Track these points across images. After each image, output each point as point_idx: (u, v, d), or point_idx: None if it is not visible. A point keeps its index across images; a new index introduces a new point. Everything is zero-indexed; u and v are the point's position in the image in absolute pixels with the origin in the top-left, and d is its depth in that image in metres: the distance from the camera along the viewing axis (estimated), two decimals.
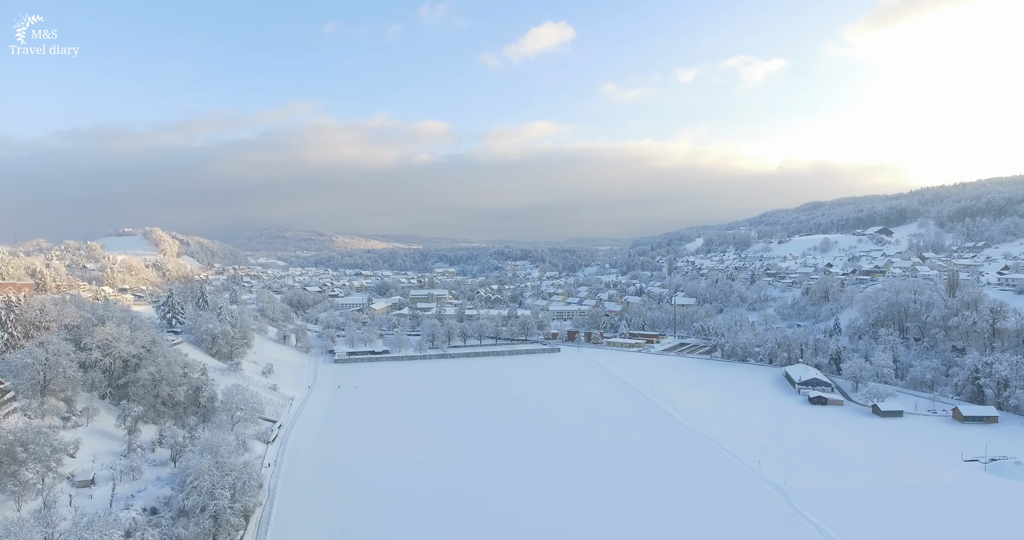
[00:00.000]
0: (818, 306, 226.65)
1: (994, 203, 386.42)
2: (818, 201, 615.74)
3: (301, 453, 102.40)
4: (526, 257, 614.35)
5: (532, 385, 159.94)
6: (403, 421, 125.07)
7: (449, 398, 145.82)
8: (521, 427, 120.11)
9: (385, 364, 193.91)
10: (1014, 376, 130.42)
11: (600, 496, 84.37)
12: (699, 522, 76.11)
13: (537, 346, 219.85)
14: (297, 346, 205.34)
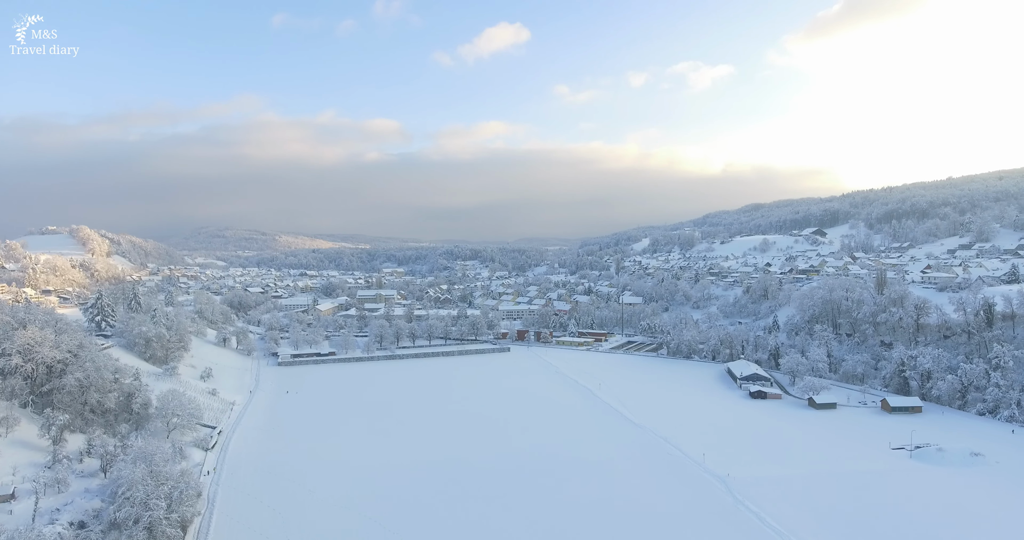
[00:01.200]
0: (758, 304, 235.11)
1: (918, 206, 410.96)
2: (758, 203, 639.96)
3: (243, 459, 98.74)
4: (476, 257, 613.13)
5: (482, 385, 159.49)
6: (350, 424, 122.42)
7: (398, 399, 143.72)
8: (471, 427, 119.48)
9: (331, 366, 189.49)
10: (935, 368, 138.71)
11: (550, 494, 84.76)
12: (646, 515, 77.46)
13: (487, 346, 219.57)
14: (238, 349, 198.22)
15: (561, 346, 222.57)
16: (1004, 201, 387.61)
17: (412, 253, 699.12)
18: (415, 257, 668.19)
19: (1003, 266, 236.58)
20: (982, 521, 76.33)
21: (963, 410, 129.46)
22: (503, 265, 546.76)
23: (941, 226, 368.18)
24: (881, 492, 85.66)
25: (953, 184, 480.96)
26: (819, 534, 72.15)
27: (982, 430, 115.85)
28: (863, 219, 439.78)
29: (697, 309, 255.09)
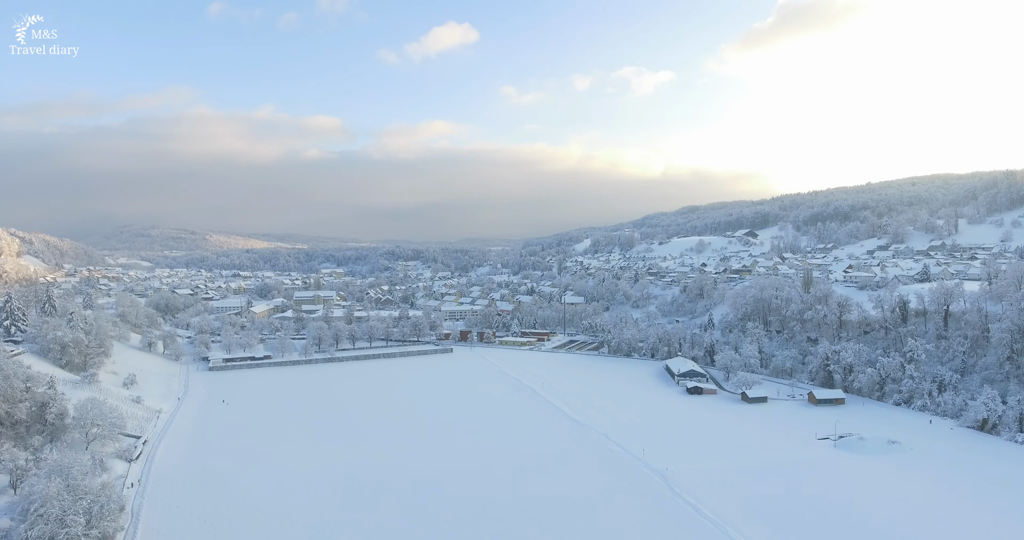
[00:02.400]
0: (694, 303, 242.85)
1: (840, 210, 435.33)
2: (694, 205, 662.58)
3: (170, 470, 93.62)
4: (418, 257, 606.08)
5: (425, 386, 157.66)
6: (287, 429, 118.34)
7: (338, 403, 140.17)
8: (414, 430, 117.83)
9: (267, 370, 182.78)
10: (857, 362, 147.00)
11: (493, 493, 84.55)
12: (587, 511, 78.40)
13: (429, 347, 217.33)
14: (165, 354, 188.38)
15: (504, 346, 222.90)
16: (917, 205, 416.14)
17: (352, 253, 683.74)
18: (355, 257, 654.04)
19: (916, 266, 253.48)
20: (897, 503, 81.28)
21: (881, 401, 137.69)
22: (446, 265, 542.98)
23: (861, 228, 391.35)
24: (808, 480, 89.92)
25: (872, 189, 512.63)
26: (751, 522, 74.97)
27: (898, 419, 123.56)
28: (791, 221, 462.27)
29: (637, 308, 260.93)
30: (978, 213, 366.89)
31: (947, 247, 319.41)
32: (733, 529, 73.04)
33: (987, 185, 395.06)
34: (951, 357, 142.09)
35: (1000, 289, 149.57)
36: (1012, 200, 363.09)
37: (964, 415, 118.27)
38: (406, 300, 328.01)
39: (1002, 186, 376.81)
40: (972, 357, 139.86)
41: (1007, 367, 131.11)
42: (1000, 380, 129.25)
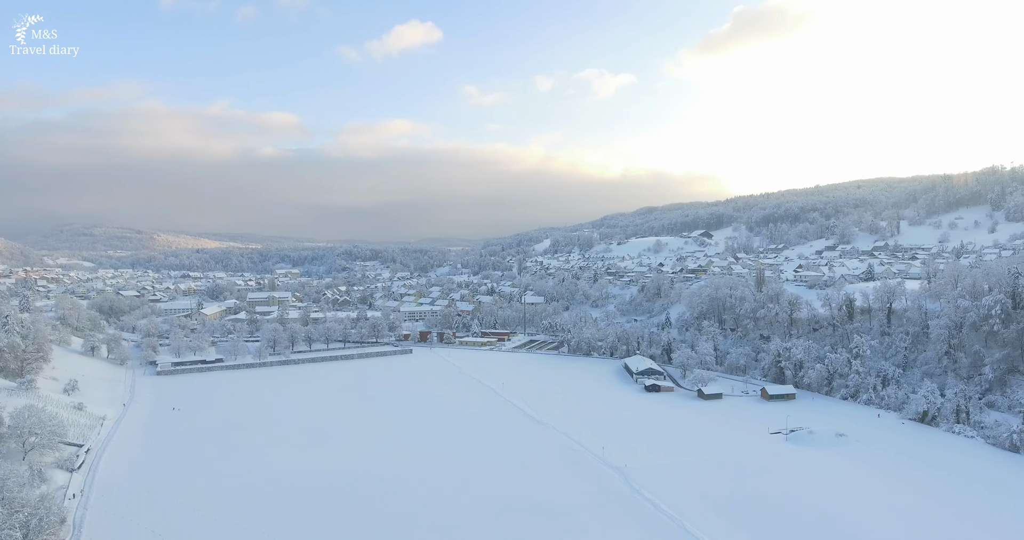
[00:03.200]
0: (652, 302, 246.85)
1: (791, 211, 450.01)
2: (652, 206, 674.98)
3: (115, 479, 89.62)
4: (376, 257, 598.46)
5: (383, 388, 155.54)
6: (241, 435, 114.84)
7: (294, 407, 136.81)
8: (373, 432, 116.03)
9: (219, 374, 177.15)
10: (807, 358, 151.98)
11: (455, 495, 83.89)
12: (548, 509, 78.56)
13: (388, 348, 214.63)
14: (109, 358, 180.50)
15: (464, 346, 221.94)
16: (862, 207, 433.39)
17: (308, 253, 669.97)
18: (311, 257, 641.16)
19: (861, 266, 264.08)
20: (844, 492, 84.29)
21: (829, 396, 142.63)
22: (405, 266, 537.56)
23: (810, 229, 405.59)
24: (761, 473, 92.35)
25: (820, 191, 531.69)
26: (707, 516, 76.50)
27: (846, 413, 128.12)
28: (744, 222, 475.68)
29: (596, 307, 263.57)
30: (918, 215, 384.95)
31: (890, 247, 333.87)
32: (690, 523, 74.36)
33: (926, 188, 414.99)
34: (894, 353, 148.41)
35: (938, 288, 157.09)
36: (949, 203, 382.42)
37: (906, 408, 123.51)
38: (364, 301, 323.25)
39: (940, 190, 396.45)
40: (913, 352, 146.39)
41: (945, 362, 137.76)
42: (939, 374, 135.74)
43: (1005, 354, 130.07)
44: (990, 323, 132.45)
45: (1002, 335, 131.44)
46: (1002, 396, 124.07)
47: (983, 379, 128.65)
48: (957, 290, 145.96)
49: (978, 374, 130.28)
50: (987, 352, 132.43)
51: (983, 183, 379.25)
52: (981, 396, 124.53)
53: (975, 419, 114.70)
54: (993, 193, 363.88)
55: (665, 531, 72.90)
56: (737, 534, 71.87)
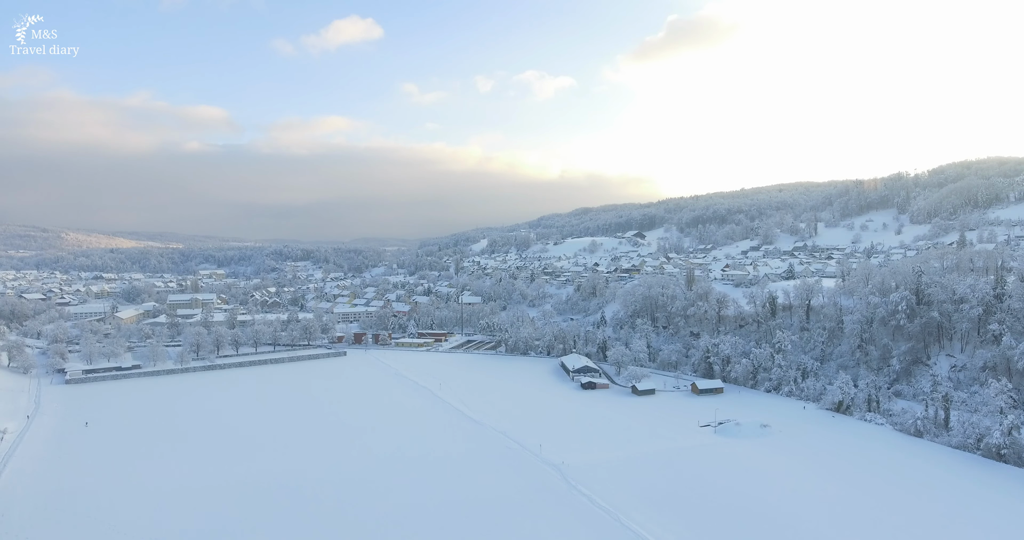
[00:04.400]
0: (588, 301, 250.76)
1: (718, 213, 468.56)
2: (587, 207, 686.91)
3: (19, 495, 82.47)
4: (308, 257, 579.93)
5: (316, 391, 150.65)
6: (160, 445, 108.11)
7: (219, 413, 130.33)
8: (304, 436, 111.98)
9: (136, 381, 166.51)
10: (733, 353, 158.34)
11: (390, 497, 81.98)
12: (486, 508, 78.08)
13: (321, 351, 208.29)
14: (11, 367, 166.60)
15: (401, 348, 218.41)
16: (783, 210, 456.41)
17: (235, 253, 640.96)
18: (238, 258, 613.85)
19: (783, 265, 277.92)
20: (768, 480, 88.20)
21: (755, 389, 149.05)
22: (338, 266, 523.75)
23: (736, 230, 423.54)
24: (692, 465, 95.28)
25: (745, 194, 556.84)
26: (641, 508, 78.09)
27: (769, 405, 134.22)
28: (675, 223, 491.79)
29: (533, 307, 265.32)
30: (833, 217, 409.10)
31: (808, 248, 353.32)
32: (624, 516, 75.64)
33: (841, 193, 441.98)
34: (812, 347, 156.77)
35: (851, 285, 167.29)
36: (860, 206, 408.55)
37: (823, 398, 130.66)
38: (295, 302, 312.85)
39: (852, 194, 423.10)
40: (829, 346, 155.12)
41: (858, 354, 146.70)
42: (852, 366, 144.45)
43: (910, 347, 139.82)
44: (897, 318, 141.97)
45: (907, 329, 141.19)
46: (907, 385, 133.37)
47: (891, 370, 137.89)
48: (868, 288, 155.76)
49: (887, 365, 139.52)
50: (894, 345, 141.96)
51: (890, 188, 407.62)
52: (890, 386, 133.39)
53: (884, 407, 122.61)
54: (899, 197, 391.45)
55: (601, 525, 73.83)
56: (670, 524, 73.66)
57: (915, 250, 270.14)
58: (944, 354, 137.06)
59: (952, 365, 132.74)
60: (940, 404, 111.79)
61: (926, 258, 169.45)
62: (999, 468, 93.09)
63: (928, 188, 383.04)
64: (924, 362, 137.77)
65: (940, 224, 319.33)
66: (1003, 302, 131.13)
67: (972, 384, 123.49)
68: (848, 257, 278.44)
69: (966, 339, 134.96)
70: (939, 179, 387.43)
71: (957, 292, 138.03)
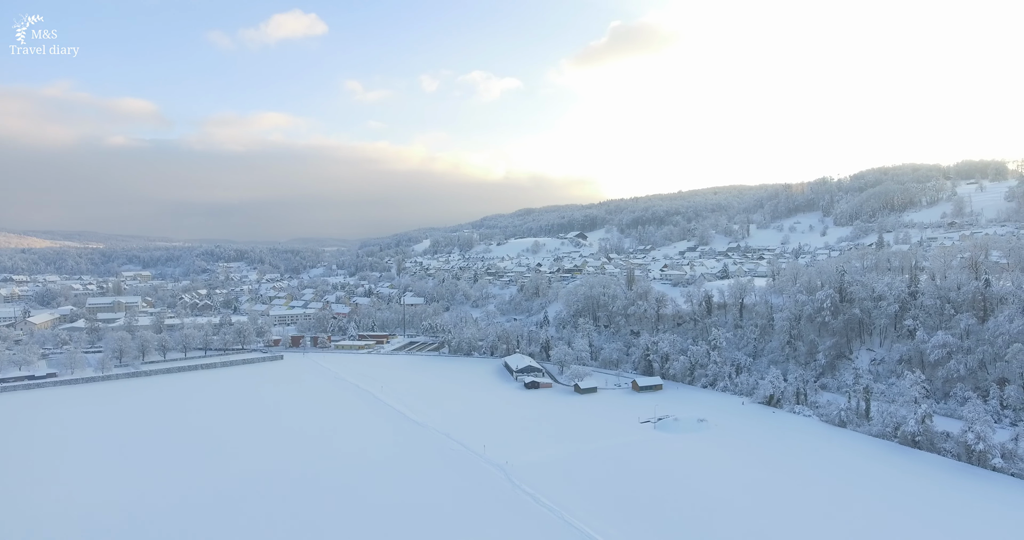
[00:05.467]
0: (531, 301, 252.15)
1: (657, 214, 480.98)
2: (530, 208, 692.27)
3: None
4: (242, 258, 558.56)
5: (251, 397, 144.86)
6: (80, 458, 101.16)
7: (145, 422, 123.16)
8: (239, 443, 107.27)
9: (52, 390, 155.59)
10: (672, 351, 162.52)
11: (332, 504, 79.56)
12: (430, 511, 76.94)
13: (256, 355, 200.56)
14: None
15: (341, 350, 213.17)
16: (718, 212, 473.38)
17: (162, 254, 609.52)
18: (166, 258, 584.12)
19: (718, 265, 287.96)
20: (705, 470, 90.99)
21: (692, 385, 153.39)
22: (274, 267, 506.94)
23: (674, 232, 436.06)
24: (633, 460, 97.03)
25: (682, 197, 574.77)
26: (585, 505, 78.87)
27: (706, 400, 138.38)
28: (616, 224, 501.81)
29: (476, 308, 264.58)
30: (764, 219, 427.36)
31: (741, 248, 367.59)
32: (568, 513, 76.13)
33: (771, 196, 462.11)
34: (745, 343, 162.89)
35: (781, 284, 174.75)
36: (789, 209, 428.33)
37: (756, 393, 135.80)
38: (228, 305, 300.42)
39: (781, 197, 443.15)
40: (761, 342, 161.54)
41: (787, 350, 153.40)
42: (782, 361, 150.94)
43: (834, 342, 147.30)
44: (822, 315, 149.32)
45: (832, 325, 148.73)
46: (832, 379, 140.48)
47: (817, 364, 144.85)
48: (796, 286, 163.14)
49: (813, 360, 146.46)
50: (820, 340, 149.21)
51: (816, 192, 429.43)
52: (816, 379, 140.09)
53: (811, 400, 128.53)
54: (824, 201, 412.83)
55: (545, 523, 74.00)
56: (613, 519, 74.62)
57: (838, 251, 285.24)
58: (865, 348, 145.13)
59: (872, 359, 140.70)
60: (861, 396, 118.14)
61: (848, 258, 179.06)
62: (914, 454, 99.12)
63: (850, 192, 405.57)
64: (847, 356, 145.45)
65: (861, 226, 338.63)
66: (916, 299, 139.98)
67: (890, 376, 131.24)
68: (778, 257, 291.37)
69: (884, 334, 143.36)
70: (860, 184, 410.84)
71: (876, 290, 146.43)
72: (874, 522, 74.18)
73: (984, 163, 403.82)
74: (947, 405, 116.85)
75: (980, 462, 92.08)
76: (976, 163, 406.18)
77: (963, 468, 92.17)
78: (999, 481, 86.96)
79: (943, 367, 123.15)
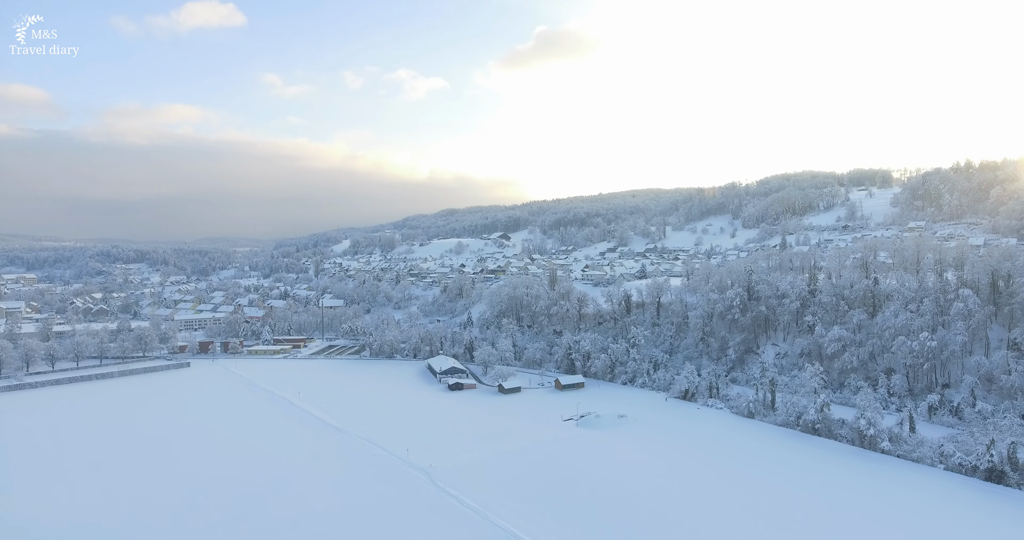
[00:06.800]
0: (455, 302, 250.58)
1: (578, 216, 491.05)
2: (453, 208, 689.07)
3: None
4: (143, 259, 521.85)
5: (154, 408, 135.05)
6: None
7: (26, 442, 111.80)
8: (143, 459, 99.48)
9: None
10: (593, 349, 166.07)
11: (250, 519, 75.14)
12: (352, 518, 74.40)
13: (160, 363, 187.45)
14: None
15: (254, 356, 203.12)
16: (637, 214, 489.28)
17: (50, 255, 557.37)
18: (54, 259, 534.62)
19: (636, 265, 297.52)
20: (626, 465, 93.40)
21: (612, 382, 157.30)
22: (180, 268, 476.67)
23: (595, 233, 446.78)
24: (556, 458, 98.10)
25: (602, 199, 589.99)
26: (509, 504, 78.83)
27: (626, 396, 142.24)
28: (539, 225, 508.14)
29: (398, 309, 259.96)
30: (680, 221, 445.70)
31: (658, 249, 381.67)
32: (493, 514, 75.81)
33: (685, 199, 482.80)
34: (663, 341, 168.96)
35: (695, 283, 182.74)
36: (702, 212, 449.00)
37: (672, 388, 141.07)
38: (127, 310, 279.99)
39: (695, 200, 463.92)
40: (677, 339, 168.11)
41: (701, 346, 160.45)
42: (696, 357, 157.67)
43: (743, 338, 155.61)
44: (732, 312, 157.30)
45: (741, 322, 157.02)
46: (742, 373, 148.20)
47: (728, 359, 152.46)
48: (709, 285, 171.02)
49: (724, 355, 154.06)
50: (731, 336, 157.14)
51: (727, 196, 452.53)
52: (727, 373, 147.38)
53: (723, 393, 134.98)
54: (733, 204, 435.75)
55: (470, 525, 73.27)
56: (537, 517, 74.93)
57: (747, 252, 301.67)
58: (771, 343, 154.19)
59: (777, 353, 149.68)
60: (767, 388, 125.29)
61: (755, 259, 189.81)
62: (814, 441, 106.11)
63: (757, 197, 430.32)
64: (755, 351, 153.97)
65: (766, 228, 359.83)
66: (815, 296, 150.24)
67: (793, 369, 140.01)
68: (692, 258, 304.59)
69: (787, 329, 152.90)
70: (765, 189, 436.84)
71: (780, 289, 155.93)
72: (779, 506, 78.62)
73: (873, 171, 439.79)
74: (842, 394, 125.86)
75: (871, 446, 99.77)
76: (866, 171, 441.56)
77: (857, 452, 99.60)
78: (887, 462, 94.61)
79: (839, 359, 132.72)
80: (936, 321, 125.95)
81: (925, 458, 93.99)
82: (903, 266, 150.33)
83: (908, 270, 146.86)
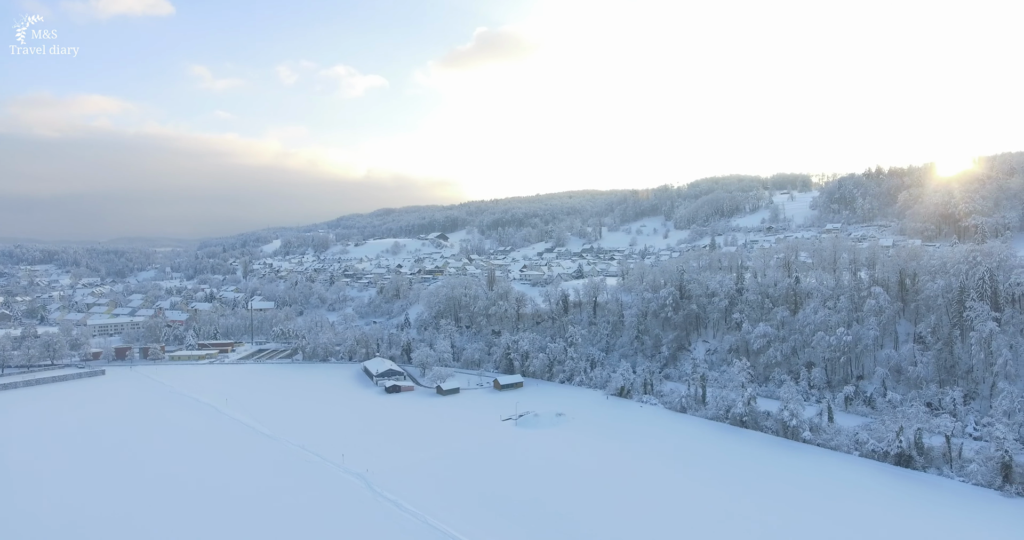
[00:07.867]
0: (391, 303, 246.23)
1: (516, 216, 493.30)
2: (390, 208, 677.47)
3: None
4: (51, 260, 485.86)
5: (63, 421, 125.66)
6: None
7: None
8: (51, 479, 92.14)
9: None
10: (531, 349, 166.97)
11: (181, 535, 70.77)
12: (286, 529, 71.42)
13: (71, 371, 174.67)
14: None
15: (177, 362, 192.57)
16: (573, 215, 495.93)
17: None
18: None
19: (573, 265, 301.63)
20: (562, 463, 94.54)
21: (551, 381, 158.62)
22: (94, 270, 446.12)
23: (533, 233, 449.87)
24: (494, 458, 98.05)
25: (540, 200, 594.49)
26: (448, 506, 78.18)
27: (564, 395, 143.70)
28: (477, 226, 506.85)
29: (333, 311, 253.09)
30: (615, 222, 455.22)
31: (595, 250, 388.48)
32: (432, 516, 74.88)
33: (620, 200, 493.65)
34: (599, 339, 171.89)
35: (630, 283, 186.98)
36: (636, 213, 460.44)
37: (609, 385, 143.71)
38: (33, 314, 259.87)
39: (630, 202, 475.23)
40: (613, 338, 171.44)
41: (636, 344, 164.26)
42: (632, 355, 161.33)
43: (676, 335, 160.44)
44: (665, 311, 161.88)
45: (673, 320, 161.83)
46: (674, 369, 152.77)
47: (661, 356, 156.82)
48: (643, 285, 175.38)
49: (658, 353, 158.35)
50: (664, 334, 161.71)
51: (659, 198, 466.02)
52: (661, 370, 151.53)
53: (657, 389, 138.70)
54: (666, 206, 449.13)
55: (409, 528, 72.06)
56: (476, 517, 74.49)
57: (678, 252, 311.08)
58: (701, 340, 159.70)
59: (707, 349, 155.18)
60: (698, 383, 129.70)
61: (686, 259, 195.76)
62: (742, 433, 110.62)
63: (687, 199, 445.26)
64: (687, 348, 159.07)
65: (697, 229, 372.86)
66: (742, 295, 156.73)
67: (722, 364, 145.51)
68: (627, 258, 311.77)
69: (717, 327, 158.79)
70: (695, 191, 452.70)
71: (710, 287, 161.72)
72: (711, 496, 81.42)
73: (794, 176, 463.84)
74: (767, 388, 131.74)
75: (794, 436, 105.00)
76: (788, 176, 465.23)
77: (781, 442, 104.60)
78: (808, 451, 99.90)
79: (764, 354, 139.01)
80: (851, 317, 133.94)
81: (842, 446, 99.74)
82: (822, 265, 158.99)
83: (826, 269, 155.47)
